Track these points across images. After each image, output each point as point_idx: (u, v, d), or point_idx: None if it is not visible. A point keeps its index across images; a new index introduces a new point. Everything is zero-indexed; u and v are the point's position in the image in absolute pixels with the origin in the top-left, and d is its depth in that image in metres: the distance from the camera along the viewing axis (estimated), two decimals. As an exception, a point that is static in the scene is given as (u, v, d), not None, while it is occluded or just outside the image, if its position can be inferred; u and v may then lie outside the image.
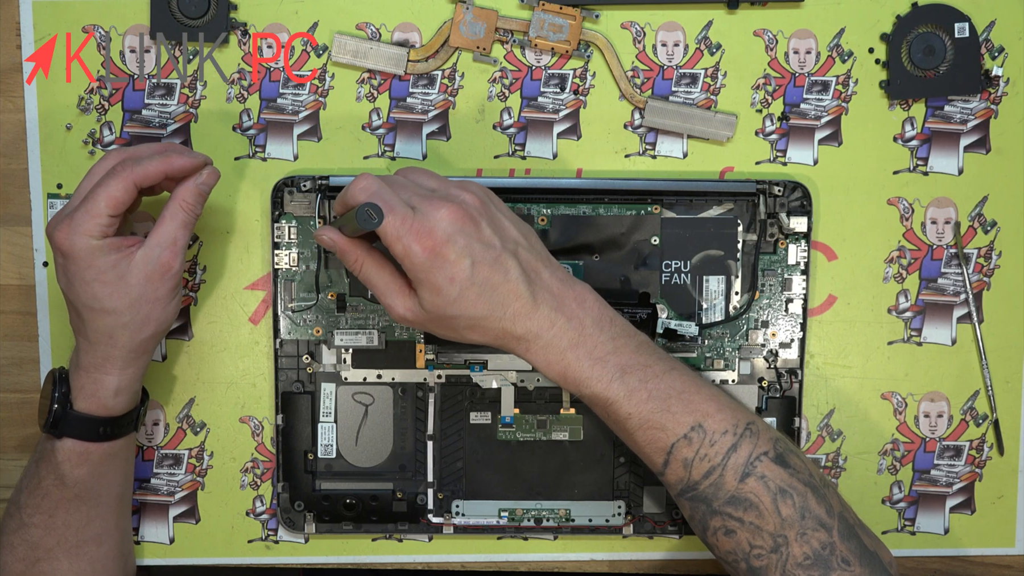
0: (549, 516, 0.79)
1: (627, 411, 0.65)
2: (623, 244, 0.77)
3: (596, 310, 0.66)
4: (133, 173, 0.67)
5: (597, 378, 0.65)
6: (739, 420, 0.66)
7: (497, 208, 0.66)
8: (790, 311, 0.78)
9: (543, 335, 0.65)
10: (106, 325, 0.68)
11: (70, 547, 0.72)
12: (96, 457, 0.71)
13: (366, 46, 0.77)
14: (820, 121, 0.79)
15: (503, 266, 0.63)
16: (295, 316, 0.78)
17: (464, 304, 0.63)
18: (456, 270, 0.62)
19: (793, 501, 0.64)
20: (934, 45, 0.77)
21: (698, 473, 0.65)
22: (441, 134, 0.79)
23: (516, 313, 0.64)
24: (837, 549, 0.64)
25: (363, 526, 0.79)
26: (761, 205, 0.77)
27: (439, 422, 0.79)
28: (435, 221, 0.62)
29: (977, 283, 0.80)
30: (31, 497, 0.72)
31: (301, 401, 0.78)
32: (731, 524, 0.65)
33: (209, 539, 0.81)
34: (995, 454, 0.81)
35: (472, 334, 0.65)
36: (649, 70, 0.78)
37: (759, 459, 0.65)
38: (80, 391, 0.70)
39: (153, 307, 0.69)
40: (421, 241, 0.62)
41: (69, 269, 0.67)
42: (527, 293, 0.64)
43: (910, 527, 0.81)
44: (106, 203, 0.66)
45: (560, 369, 0.65)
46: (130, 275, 0.68)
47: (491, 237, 0.64)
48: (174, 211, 0.69)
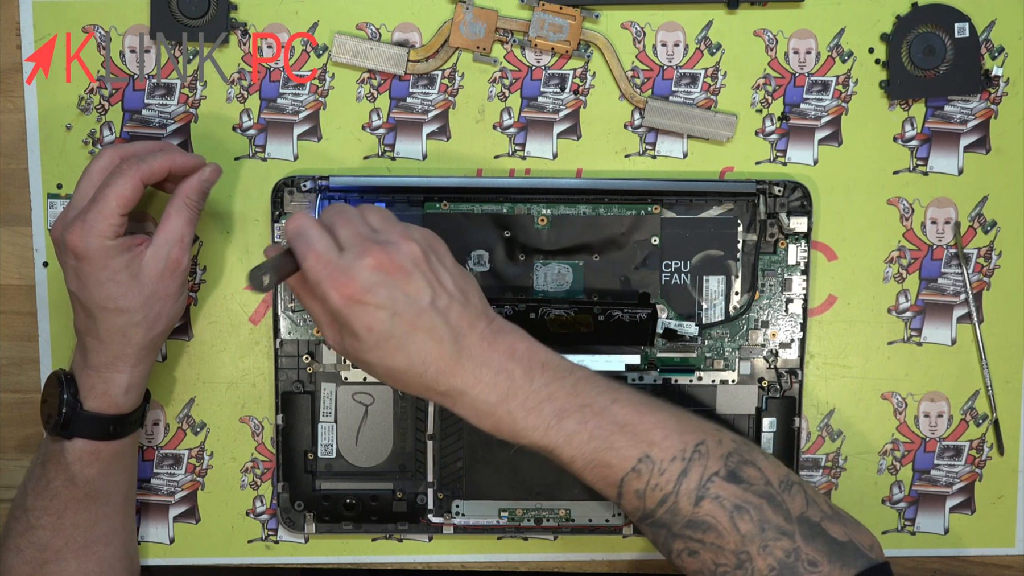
0: (549, 516, 0.79)
1: (570, 455, 0.64)
2: (623, 244, 0.77)
3: (527, 358, 0.64)
4: (140, 171, 0.68)
5: (533, 427, 0.63)
6: (687, 444, 0.64)
7: (439, 259, 0.64)
8: (790, 311, 0.78)
9: (468, 391, 0.63)
10: (120, 324, 0.69)
11: (78, 548, 0.72)
12: (106, 456, 0.71)
13: (366, 46, 0.77)
14: (820, 121, 0.79)
15: (426, 323, 0.61)
16: (295, 316, 0.78)
17: (381, 354, 0.62)
18: (374, 320, 0.60)
19: (751, 516, 0.63)
20: (934, 45, 0.77)
21: (652, 502, 0.64)
22: (441, 134, 0.79)
23: (439, 371, 0.62)
24: (802, 553, 0.63)
25: (363, 526, 0.79)
26: (761, 205, 0.77)
27: (439, 422, 0.79)
28: (358, 268, 0.60)
29: (977, 283, 0.80)
30: (39, 499, 0.71)
31: (301, 401, 0.78)
32: (693, 546, 0.64)
33: (209, 539, 0.81)
34: (995, 454, 0.81)
35: (392, 383, 0.64)
36: (649, 70, 0.78)
37: (711, 480, 0.63)
38: (90, 391, 0.70)
39: (164, 304, 0.70)
40: (339, 288, 0.60)
41: (83, 271, 0.68)
42: (451, 351, 0.62)
43: (910, 527, 0.81)
44: (117, 203, 0.67)
45: (492, 423, 0.64)
46: (143, 274, 0.68)
47: (420, 291, 0.61)
48: (179, 208, 0.69)
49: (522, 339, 0.65)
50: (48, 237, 0.79)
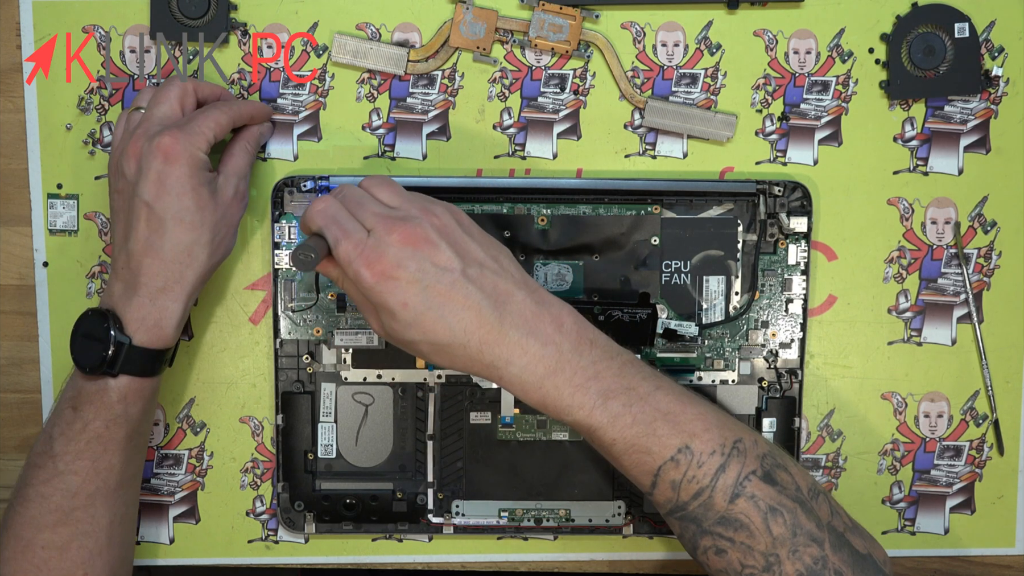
0: (549, 516, 0.79)
1: (611, 437, 0.63)
2: (623, 244, 0.77)
3: (575, 333, 0.64)
4: (237, 110, 0.72)
5: (579, 406, 0.63)
6: (726, 439, 0.64)
7: (465, 230, 0.64)
8: (790, 311, 0.78)
9: (515, 362, 0.62)
10: (188, 240, 0.69)
11: (110, 491, 0.70)
12: (148, 392, 0.70)
13: (366, 46, 0.77)
14: (820, 121, 0.79)
15: (461, 290, 0.61)
16: (295, 316, 0.78)
17: (422, 329, 0.61)
18: (407, 295, 0.60)
19: (784, 519, 0.63)
20: (934, 45, 0.77)
21: (686, 494, 0.63)
22: (441, 134, 0.79)
23: (482, 341, 0.62)
24: (829, 562, 0.63)
25: (363, 526, 0.79)
26: (761, 205, 0.77)
27: (439, 422, 0.79)
28: (386, 245, 0.61)
29: (977, 283, 0.80)
30: (71, 443, 0.69)
31: (301, 401, 0.78)
32: (722, 544, 0.63)
33: (209, 539, 0.81)
34: (995, 454, 0.81)
35: (439, 359, 0.63)
36: (649, 70, 0.78)
37: (748, 479, 0.63)
38: (141, 323, 0.68)
39: (227, 232, 0.72)
40: (371, 266, 0.60)
41: (170, 175, 0.68)
42: (492, 320, 0.62)
43: (910, 527, 0.81)
44: (214, 126, 0.70)
45: (539, 397, 0.63)
46: (219, 194, 0.71)
47: (449, 260, 0.61)
48: (241, 148, 0.74)
49: (569, 313, 0.64)
50: (48, 237, 0.79)
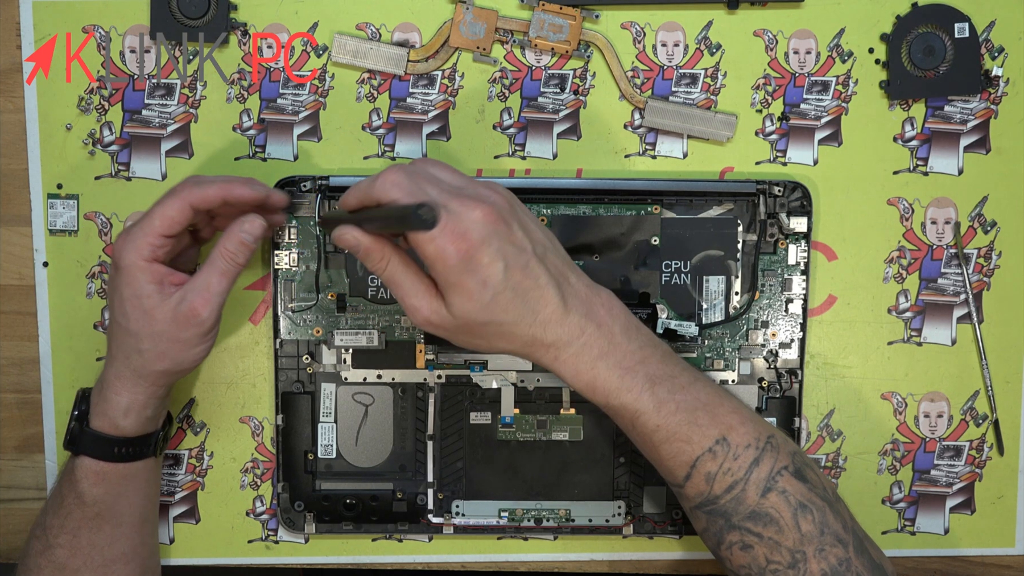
0: (549, 516, 0.79)
1: (656, 423, 0.64)
2: (623, 244, 0.77)
3: (623, 318, 0.65)
4: (190, 194, 0.67)
5: (627, 388, 0.63)
6: (760, 434, 0.64)
7: (522, 211, 0.63)
8: (790, 311, 0.78)
9: (573, 343, 0.63)
10: (125, 344, 0.68)
11: (96, 567, 0.71)
12: (113, 477, 0.71)
13: (366, 46, 0.77)
14: (820, 121, 0.79)
15: (534, 270, 0.61)
16: (295, 316, 0.78)
17: (496, 309, 0.61)
18: (489, 273, 0.60)
19: (813, 516, 0.63)
20: (934, 45, 0.77)
21: (720, 487, 0.64)
22: (441, 134, 0.79)
23: (547, 319, 0.62)
24: (853, 565, 0.63)
25: (363, 526, 0.79)
26: (761, 205, 0.77)
27: (439, 422, 0.79)
28: (470, 223, 0.59)
29: (977, 283, 0.80)
30: (55, 517, 0.71)
31: (301, 401, 0.78)
32: (749, 539, 0.64)
33: (209, 539, 0.81)
34: (995, 454, 0.81)
35: (501, 342, 0.63)
36: (649, 70, 0.78)
37: (780, 473, 0.64)
38: (95, 407, 0.70)
39: (171, 347, 0.68)
40: (456, 243, 0.59)
41: (113, 279, 0.68)
42: (557, 299, 0.62)
43: (910, 527, 0.81)
44: (160, 222, 0.67)
45: (589, 379, 0.63)
46: (158, 311, 0.67)
47: (522, 239, 0.61)
48: (213, 259, 0.68)
49: (615, 299, 0.65)
50: (48, 237, 0.79)
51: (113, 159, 0.78)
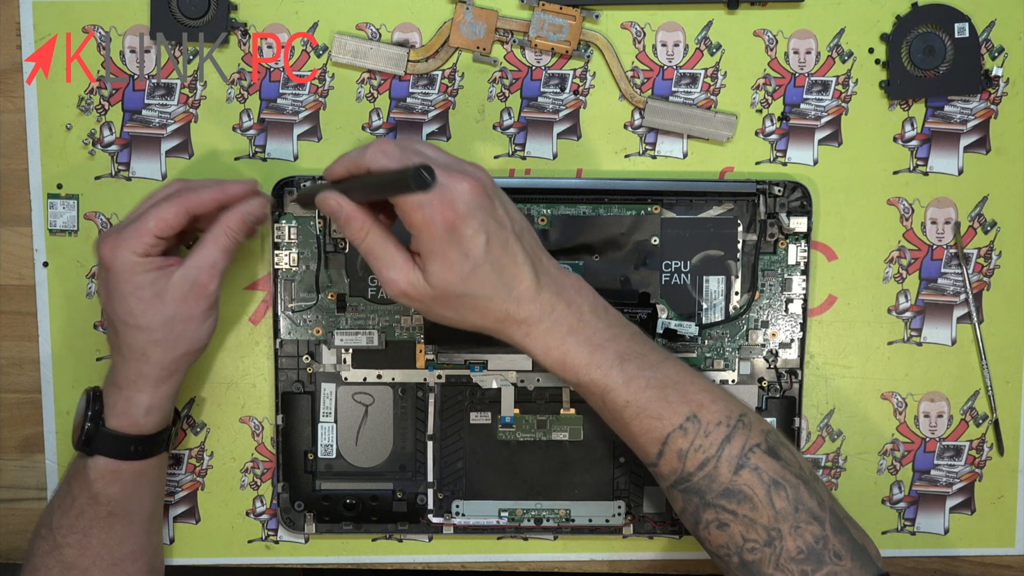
0: (549, 516, 0.79)
1: (625, 399, 0.65)
2: (623, 244, 0.77)
3: (592, 298, 0.66)
4: (188, 200, 0.68)
5: (597, 364, 0.64)
6: (732, 411, 0.65)
7: (500, 191, 0.65)
8: (790, 311, 0.78)
9: (544, 319, 0.64)
10: (139, 341, 0.69)
11: (106, 566, 0.72)
12: (128, 475, 0.71)
13: (366, 46, 0.77)
14: (820, 121, 0.79)
15: (512, 247, 0.63)
16: (295, 316, 0.78)
17: (474, 282, 0.62)
18: (472, 245, 0.61)
19: (787, 493, 0.64)
20: (934, 45, 0.77)
21: (692, 464, 0.64)
22: (441, 134, 0.79)
23: (520, 296, 0.63)
24: (830, 543, 0.63)
25: (363, 526, 0.79)
26: (761, 205, 0.77)
27: (439, 422, 0.79)
28: (457, 194, 0.60)
29: (977, 283, 0.80)
30: (64, 517, 0.71)
31: (301, 401, 0.78)
32: (724, 517, 0.64)
33: (209, 539, 0.81)
34: (995, 454, 0.81)
35: (474, 316, 0.64)
36: (649, 70, 0.78)
37: (752, 450, 0.64)
38: (112, 408, 0.70)
39: (186, 327, 0.69)
40: (443, 212, 0.60)
41: (109, 282, 0.68)
42: (532, 276, 0.63)
43: (910, 527, 0.81)
44: (155, 223, 0.67)
45: (559, 355, 0.65)
46: (167, 293, 0.68)
47: (503, 217, 0.63)
48: (216, 235, 0.69)
49: (584, 281, 0.67)
50: (48, 237, 0.79)
51: (113, 159, 0.78)
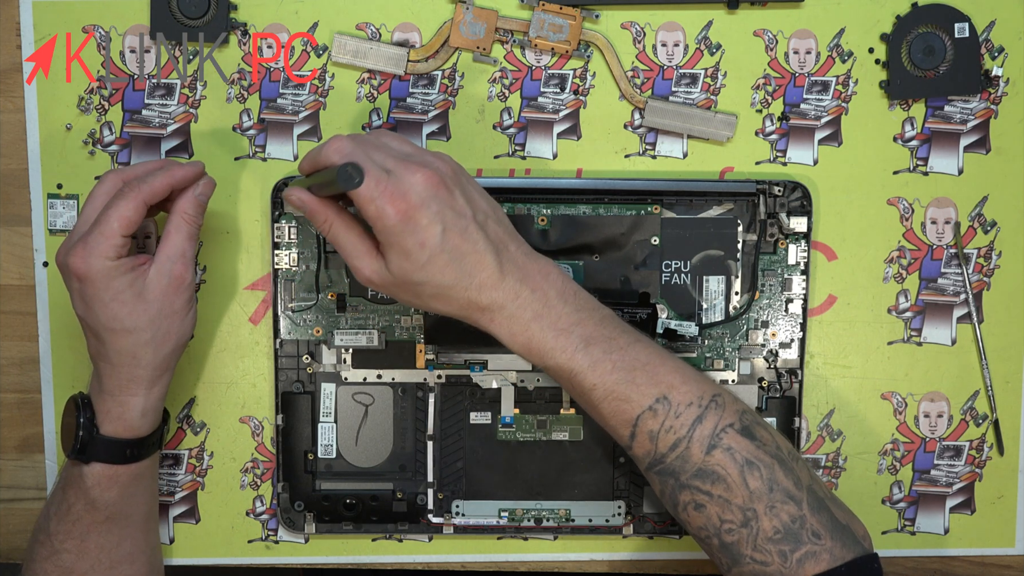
0: (549, 516, 0.79)
1: (592, 382, 0.65)
2: (623, 244, 0.77)
3: (560, 283, 0.66)
4: (141, 192, 0.68)
5: (561, 348, 0.65)
6: (704, 392, 0.65)
7: (467, 180, 0.66)
8: (790, 311, 0.78)
9: (507, 306, 0.64)
10: (128, 345, 0.69)
11: (104, 569, 0.72)
12: (125, 479, 0.71)
13: (366, 46, 0.77)
14: (820, 121, 0.79)
15: (472, 235, 0.63)
16: (295, 316, 0.78)
17: (432, 270, 0.63)
18: (427, 235, 0.62)
19: (760, 473, 0.64)
20: (934, 45, 0.77)
21: (664, 445, 0.65)
22: (441, 134, 0.79)
23: (482, 283, 0.64)
24: (807, 522, 0.63)
25: (363, 526, 0.79)
26: (761, 205, 0.77)
27: (439, 422, 0.79)
28: (410, 185, 0.62)
29: (977, 283, 0.80)
30: (61, 524, 0.71)
31: (301, 401, 0.78)
32: (700, 498, 0.64)
33: (209, 539, 0.81)
34: (995, 454, 0.81)
35: (437, 303, 0.65)
36: (649, 70, 0.78)
37: (725, 431, 0.64)
38: (106, 415, 0.70)
39: (171, 321, 0.70)
40: (395, 203, 0.61)
41: (87, 292, 0.67)
42: (494, 263, 0.64)
43: (910, 527, 0.81)
44: (119, 223, 0.67)
45: (524, 340, 0.65)
46: (147, 291, 0.68)
47: (463, 206, 0.63)
48: (178, 224, 0.70)
49: (555, 266, 0.67)
50: (48, 237, 0.79)
51: (113, 159, 0.78)
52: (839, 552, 0.63)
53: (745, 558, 0.63)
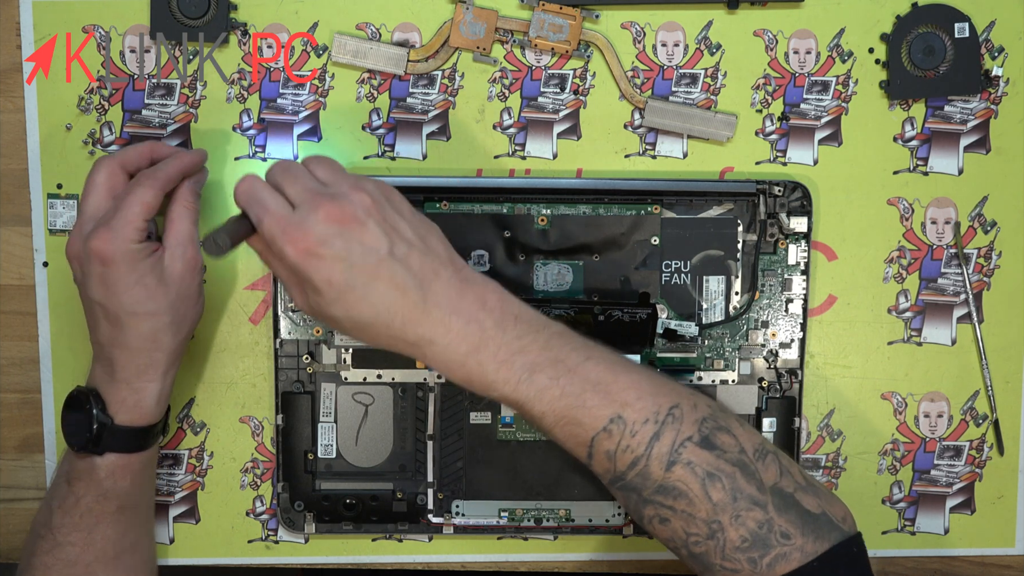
0: (549, 516, 0.79)
1: (540, 410, 0.63)
2: (623, 244, 0.77)
3: (499, 310, 0.63)
4: (159, 179, 0.69)
5: (504, 380, 0.62)
6: (660, 406, 0.63)
7: (394, 208, 0.63)
8: (790, 311, 0.78)
9: (438, 340, 0.62)
10: (148, 329, 0.69)
11: (108, 559, 0.72)
12: (136, 467, 0.71)
13: (366, 46, 0.77)
14: (820, 121, 0.79)
15: (387, 269, 0.61)
16: (295, 316, 0.78)
17: (345, 307, 0.61)
18: (332, 272, 0.60)
19: (723, 484, 0.62)
20: (934, 45, 0.77)
21: (623, 464, 0.63)
22: (441, 134, 0.79)
23: (405, 320, 0.61)
24: (775, 525, 0.61)
25: (363, 526, 0.79)
26: (761, 205, 0.77)
27: (439, 422, 0.79)
28: (312, 222, 0.60)
29: (977, 283, 0.80)
30: (67, 517, 0.71)
31: (301, 401, 0.78)
32: (664, 512, 0.63)
33: (209, 539, 0.81)
34: (995, 454, 0.81)
35: (361, 336, 0.63)
36: (649, 70, 0.78)
37: (683, 445, 0.62)
38: (121, 404, 0.70)
39: (187, 305, 0.71)
40: (294, 243, 0.60)
41: (111, 276, 0.68)
42: (416, 299, 0.61)
43: (910, 527, 0.81)
44: (141, 208, 0.67)
45: (463, 375, 0.63)
46: (167, 275, 0.69)
47: (376, 239, 0.61)
48: (180, 212, 0.70)
49: (494, 291, 0.64)
50: (48, 237, 0.79)
51: (113, 159, 0.78)
52: (811, 547, 0.61)
53: (716, 567, 0.62)
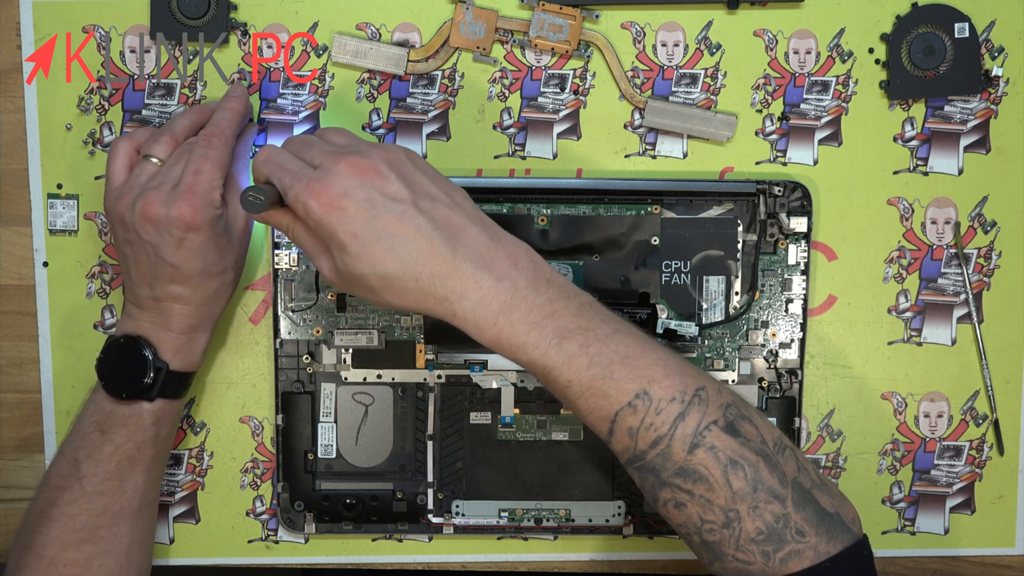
0: (549, 516, 0.79)
1: (567, 378, 0.61)
2: (623, 244, 0.77)
3: (531, 271, 0.62)
4: (226, 140, 0.71)
5: (534, 344, 0.61)
6: (687, 386, 0.62)
7: (417, 167, 0.63)
8: (790, 311, 0.78)
9: (469, 296, 0.60)
10: (216, 286, 0.72)
11: (133, 511, 0.72)
12: (175, 414, 0.74)
13: (366, 46, 0.77)
14: (820, 121, 0.79)
15: (412, 220, 0.60)
16: (295, 316, 0.78)
17: (371, 260, 0.60)
18: (356, 224, 0.59)
19: (745, 473, 0.61)
20: (934, 45, 0.77)
21: (644, 443, 0.61)
22: (441, 134, 0.79)
23: (434, 272, 0.60)
24: (791, 520, 0.61)
25: (363, 526, 0.79)
26: (761, 205, 0.77)
27: (439, 422, 0.79)
28: (332, 175, 0.60)
29: (977, 283, 0.80)
30: (99, 466, 0.71)
31: (301, 401, 0.78)
32: (681, 497, 0.62)
33: (209, 539, 0.81)
34: (995, 454, 0.81)
35: (390, 296, 0.61)
36: (649, 70, 0.78)
37: (708, 428, 0.61)
38: (176, 352, 0.72)
39: (242, 261, 0.75)
40: (317, 196, 0.59)
41: (194, 241, 0.69)
42: (445, 250, 0.60)
43: (910, 527, 0.81)
44: (219, 172, 0.70)
45: (493, 335, 0.61)
46: (233, 232, 0.73)
47: (399, 191, 0.60)
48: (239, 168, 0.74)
49: (526, 251, 0.63)
50: (48, 237, 0.79)
51: (113, 159, 0.78)
52: (824, 547, 0.61)
53: (727, 556, 0.61)
